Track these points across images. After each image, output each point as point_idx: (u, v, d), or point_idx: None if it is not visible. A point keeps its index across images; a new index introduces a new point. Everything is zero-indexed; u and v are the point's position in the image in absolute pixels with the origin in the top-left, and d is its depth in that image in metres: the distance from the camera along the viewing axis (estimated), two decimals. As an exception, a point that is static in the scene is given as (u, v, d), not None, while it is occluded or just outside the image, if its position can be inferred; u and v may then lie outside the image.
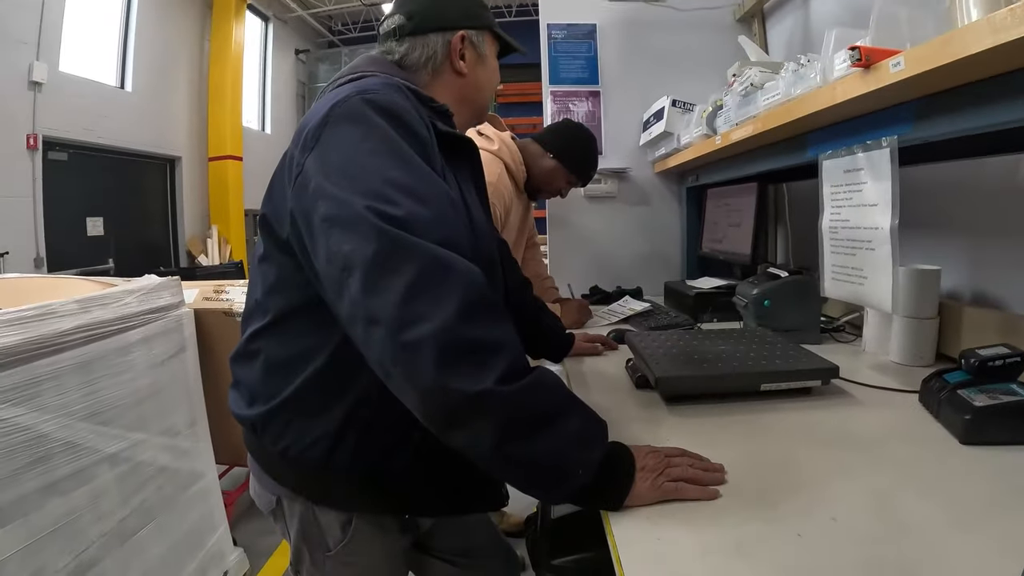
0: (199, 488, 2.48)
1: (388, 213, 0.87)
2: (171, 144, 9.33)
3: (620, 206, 3.17)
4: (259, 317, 1.14)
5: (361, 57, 1.29)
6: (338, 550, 1.19)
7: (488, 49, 1.36)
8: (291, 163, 1.03)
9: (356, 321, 0.87)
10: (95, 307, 2.00)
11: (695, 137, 2.40)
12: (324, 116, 1.01)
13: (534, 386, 0.86)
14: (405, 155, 0.97)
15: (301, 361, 1.08)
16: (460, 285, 0.86)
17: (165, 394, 2.31)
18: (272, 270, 1.11)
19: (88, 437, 1.92)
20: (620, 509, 0.89)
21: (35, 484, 1.73)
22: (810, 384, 1.35)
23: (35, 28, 6.68)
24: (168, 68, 9.22)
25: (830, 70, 1.43)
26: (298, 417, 1.10)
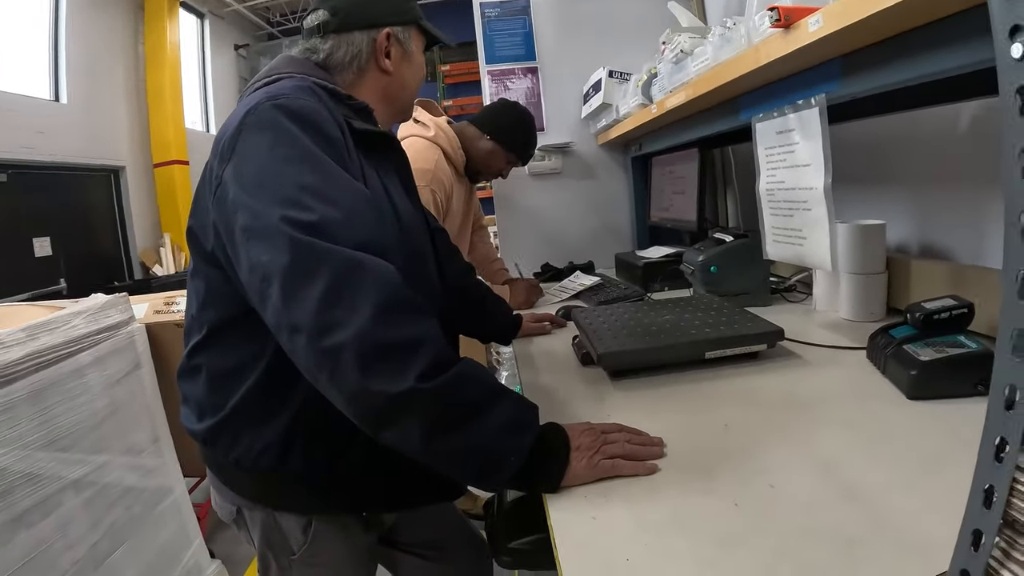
0: (169, 504, 2.45)
1: (301, 220, 0.89)
2: (114, 154, 9.11)
3: (566, 181, 3.17)
4: (196, 332, 1.16)
5: (279, 57, 1.28)
6: (302, 552, 1.21)
7: (415, 45, 1.36)
8: (211, 175, 1.04)
9: (281, 330, 0.89)
10: (42, 333, 1.96)
11: (633, 107, 2.40)
12: (238, 125, 1.02)
13: (458, 379, 0.88)
14: (317, 159, 0.98)
15: (240, 372, 1.10)
16: (374, 287, 0.88)
17: (124, 413, 2.28)
18: (202, 284, 1.12)
19: (49, 466, 1.89)
20: (557, 490, 0.91)
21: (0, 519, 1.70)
22: (756, 348, 1.36)
23: None
24: (103, 75, 8.99)
25: (755, 32, 1.43)
26: (246, 427, 1.11)
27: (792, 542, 0.71)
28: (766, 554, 0.70)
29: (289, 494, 1.16)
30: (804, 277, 1.98)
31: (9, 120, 7.09)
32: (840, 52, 1.25)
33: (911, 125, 1.68)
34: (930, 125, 1.63)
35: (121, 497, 2.18)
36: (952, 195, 1.62)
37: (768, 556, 0.69)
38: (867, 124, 1.77)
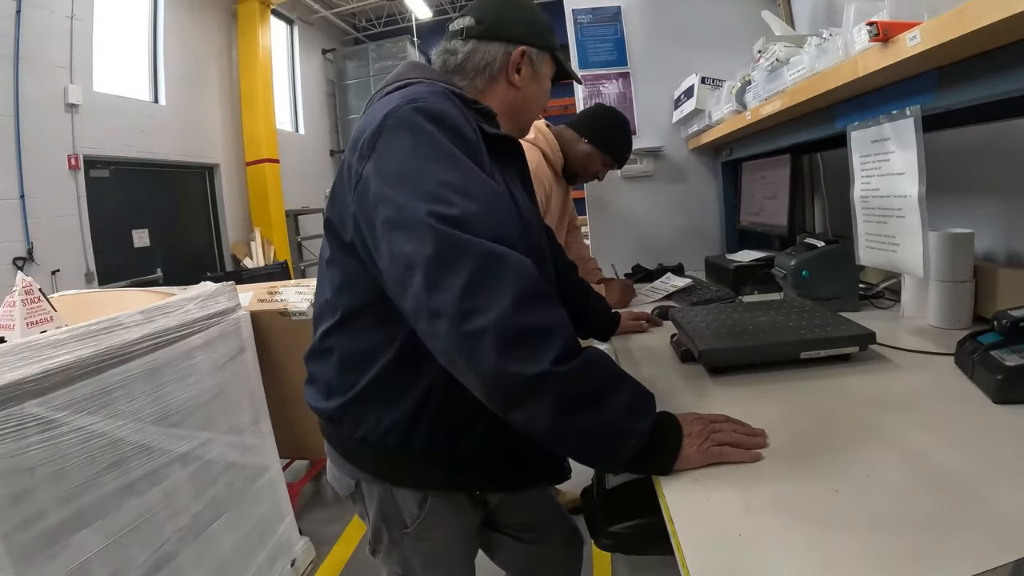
0: (265, 481, 2.60)
1: (444, 214, 0.94)
2: (208, 152, 9.50)
3: (657, 184, 3.20)
4: (329, 316, 1.22)
5: (406, 63, 1.36)
6: (415, 527, 1.28)
7: (545, 70, 1.42)
8: (350, 171, 1.11)
9: (421, 316, 0.95)
10: (159, 316, 2.12)
11: (726, 113, 2.42)
12: (378, 126, 1.08)
13: (586, 365, 0.93)
14: (456, 158, 1.04)
15: (372, 355, 1.17)
16: (514, 277, 0.93)
17: (229, 394, 2.43)
18: (339, 272, 1.19)
19: (160, 439, 2.03)
20: (670, 473, 0.96)
21: (113, 486, 1.85)
22: (848, 351, 1.39)
23: (66, 52, 6.84)
24: (199, 79, 9.38)
25: (851, 44, 1.45)
26: (374, 406, 1.18)
27: (888, 524, 0.76)
28: (865, 534, 0.75)
29: (410, 470, 1.23)
30: (892, 284, 1.98)
31: (112, 120, 7.48)
32: (936, 65, 1.27)
33: (999, 135, 1.68)
34: (1019, 135, 1.63)
35: (223, 472, 2.33)
36: None
37: (866, 536, 0.74)
38: (956, 134, 1.77)
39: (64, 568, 1.68)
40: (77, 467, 1.75)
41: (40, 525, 1.63)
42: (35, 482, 1.63)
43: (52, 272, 6.53)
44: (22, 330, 1.88)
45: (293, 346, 2.79)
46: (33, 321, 1.93)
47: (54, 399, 1.70)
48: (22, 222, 6.27)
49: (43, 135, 6.51)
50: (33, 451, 1.63)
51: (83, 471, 1.76)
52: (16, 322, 1.90)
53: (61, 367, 1.72)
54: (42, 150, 6.49)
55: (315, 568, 2.86)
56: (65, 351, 1.75)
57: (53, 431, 1.69)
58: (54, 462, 1.69)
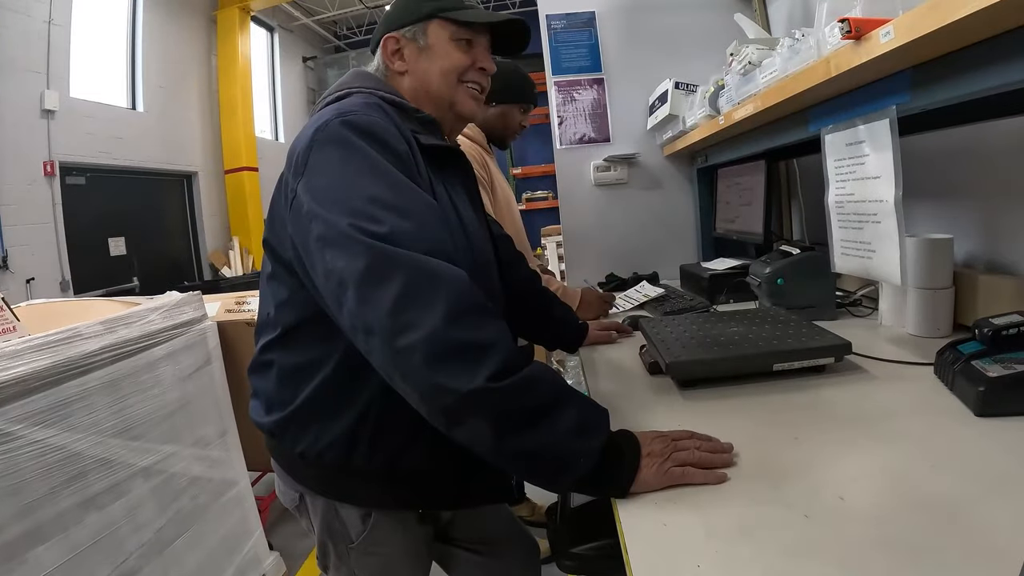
0: (232, 495, 2.55)
1: (372, 230, 0.94)
2: (186, 160, 9.41)
3: (632, 192, 3.16)
4: (270, 330, 1.21)
5: (350, 72, 1.34)
6: (360, 541, 1.26)
7: (435, 37, 1.31)
8: (285, 187, 1.11)
9: (356, 332, 0.95)
10: (120, 327, 2.07)
11: (700, 118, 2.39)
12: (309, 141, 1.08)
13: (527, 381, 0.90)
14: (385, 172, 1.03)
15: (311, 369, 1.15)
16: (446, 291, 0.92)
17: (194, 406, 2.39)
18: (281, 288, 1.18)
19: (121, 452, 1.99)
20: (626, 496, 0.91)
21: (72, 500, 1.80)
22: (823, 362, 1.34)
23: (43, 57, 6.78)
24: (178, 86, 9.30)
25: (824, 43, 1.42)
26: (312, 422, 1.16)
27: (863, 553, 0.71)
28: (836, 566, 0.69)
29: (351, 487, 1.21)
30: (870, 291, 1.95)
31: (89, 126, 7.41)
32: (910, 63, 1.24)
33: (978, 138, 1.65)
34: (998, 138, 1.59)
35: (188, 486, 2.28)
36: (1020, 209, 1.59)
37: (838, 568, 0.69)
38: (933, 137, 1.74)
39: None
40: (34, 480, 1.71)
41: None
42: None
43: (27, 280, 6.45)
44: None
45: None
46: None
47: (10, 411, 1.67)
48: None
49: (18, 141, 6.44)
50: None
51: (41, 485, 1.73)
52: None
53: (16, 379, 1.69)
54: (17, 156, 6.42)
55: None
56: (21, 362, 1.71)
57: (9, 444, 1.66)
58: (10, 475, 1.65)
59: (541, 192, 10.97)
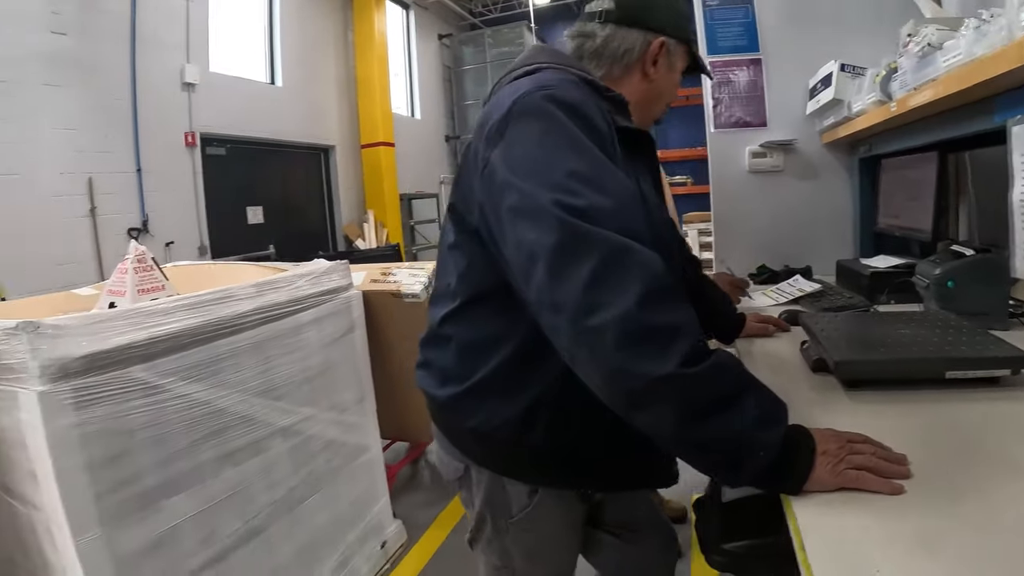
0: (364, 461, 2.63)
1: (571, 204, 0.92)
2: (324, 134, 9.79)
3: (787, 180, 3.00)
4: (449, 301, 1.21)
5: (533, 47, 1.33)
6: (520, 517, 1.26)
7: (679, 63, 1.37)
8: (476, 156, 1.10)
9: (542, 307, 0.94)
10: (270, 291, 2.15)
11: (867, 104, 2.25)
12: (506, 112, 1.06)
13: (716, 368, 0.87)
14: (585, 148, 1.01)
15: (492, 345, 1.15)
16: (640, 272, 0.89)
17: (335, 372, 2.46)
18: (462, 257, 1.18)
19: (263, 411, 2.07)
20: (799, 494, 0.87)
21: (212, 454, 1.89)
22: (999, 373, 1.23)
23: (183, 33, 7.18)
24: (315, 62, 9.67)
25: (1017, 26, 1.31)
26: (490, 397, 1.16)
27: None
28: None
29: (522, 464, 1.21)
30: None
31: (229, 100, 7.81)
32: None
33: None
34: None
35: (323, 449, 2.35)
36: None
37: None
38: None
39: (153, 531, 1.73)
40: (178, 433, 1.79)
41: (134, 488, 1.68)
42: (134, 444, 1.68)
43: (166, 244, 6.83)
44: (132, 297, 1.95)
45: (404, 328, 2.82)
46: (144, 289, 2.01)
47: (161, 365, 1.75)
48: (138, 195, 6.61)
49: (160, 112, 6.83)
50: (136, 415, 1.68)
51: (184, 437, 1.81)
52: (127, 289, 1.97)
53: (169, 334, 1.76)
54: (159, 127, 6.81)
55: (405, 551, 2.86)
56: (174, 319, 1.79)
57: (156, 396, 1.73)
58: (156, 426, 1.73)
59: (680, 177, 10.71)
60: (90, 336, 1.59)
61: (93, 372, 1.59)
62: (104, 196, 6.19)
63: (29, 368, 1.48)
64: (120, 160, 6.41)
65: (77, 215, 6.02)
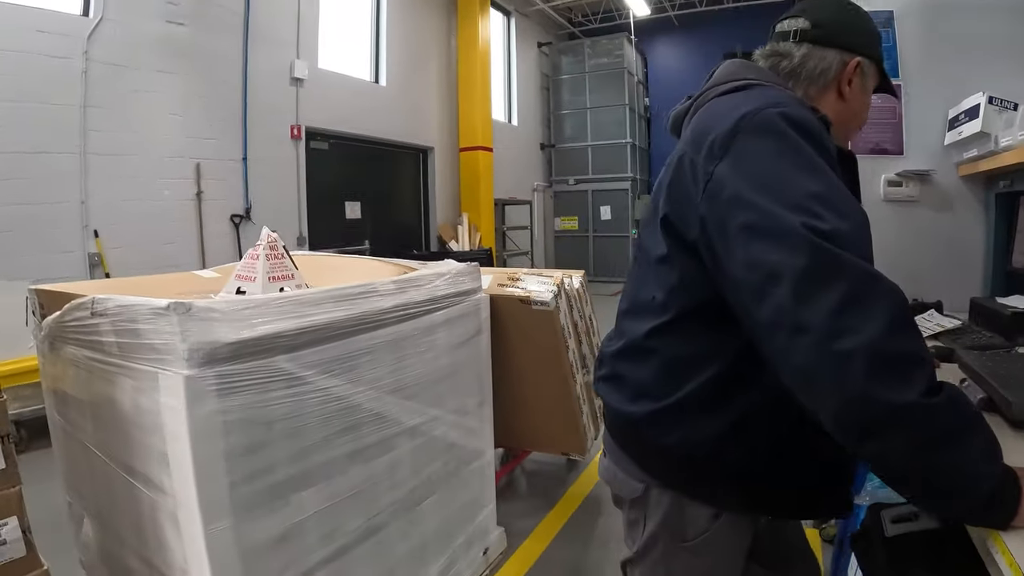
0: (478, 466, 2.64)
1: (818, 227, 0.91)
2: (424, 135, 10.00)
3: (921, 211, 2.91)
4: (657, 315, 1.19)
5: (732, 63, 1.32)
6: (697, 542, 1.23)
7: (871, 82, 1.36)
8: (694, 168, 1.09)
9: (778, 328, 0.92)
10: (410, 288, 2.16)
11: (1020, 140, 2.18)
12: (734, 126, 1.05)
13: (951, 400, 0.88)
14: (822, 170, 1.00)
15: (701, 362, 1.13)
16: (887, 299, 0.89)
17: (460, 374, 2.47)
18: (674, 271, 1.16)
19: (394, 410, 2.07)
20: (1007, 528, 0.88)
21: (343, 450, 1.89)
22: None
23: (293, 30, 7.47)
24: (418, 64, 9.91)
25: None
26: (690, 417, 1.14)
27: None
28: None
29: (712, 486, 1.18)
30: None
31: (334, 97, 8.08)
32: None
33: None
34: None
35: (444, 451, 2.37)
36: None
37: None
38: None
39: (281, 524, 1.73)
40: (314, 427, 1.79)
41: (267, 479, 1.68)
42: (272, 436, 1.67)
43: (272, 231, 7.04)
44: (263, 284, 1.96)
45: (527, 334, 2.82)
46: (275, 276, 2.02)
47: (304, 356, 1.74)
48: (243, 183, 6.89)
49: (269, 105, 7.12)
50: (276, 405, 1.67)
51: (319, 431, 1.81)
52: (258, 275, 1.98)
53: (315, 326, 1.76)
54: (266, 118, 7.09)
55: (504, 559, 2.86)
56: (321, 311, 1.79)
57: (298, 388, 1.73)
58: (294, 418, 1.72)
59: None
60: (240, 322, 1.58)
61: (239, 359, 1.58)
62: (210, 182, 6.49)
63: (177, 350, 1.47)
64: (228, 148, 6.69)
65: (184, 198, 6.32)
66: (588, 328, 3.20)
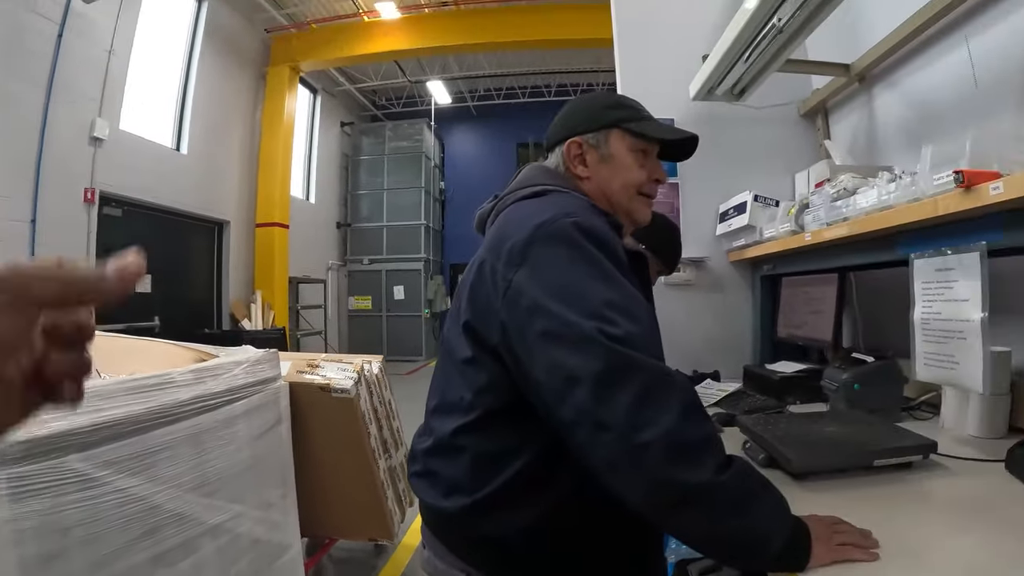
0: (286, 560, 2.50)
1: (611, 332, 1.00)
2: (221, 208, 9.61)
3: (697, 292, 3.26)
4: (464, 413, 1.21)
5: (534, 167, 1.42)
6: None
7: (615, 147, 1.39)
8: (494, 275, 1.15)
9: (581, 426, 1.00)
10: (208, 378, 2.04)
11: (781, 232, 2.53)
12: (530, 235, 1.13)
13: (740, 473, 1.00)
14: (614, 277, 1.10)
15: (510, 456, 1.16)
16: (679, 393, 1.00)
17: (262, 466, 2.34)
18: (482, 373, 1.19)
19: (195, 509, 1.92)
20: (804, 569, 1.01)
21: (146, 555, 1.73)
22: (912, 459, 1.47)
23: (99, 85, 7.00)
24: (222, 134, 9.60)
25: (927, 184, 1.59)
26: (503, 509, 1.17)
27: None
28: None
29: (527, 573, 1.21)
30: (931, 398, 2.07)
31: (131, 161, 7.57)
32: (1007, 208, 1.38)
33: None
34: None
35: (249, 548, 2.20)
36: None
37: None
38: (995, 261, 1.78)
39: None
40: (114, 531, 1.63)
41: None
42: (69, 543, 1.52)
43: (53, 305, 6.47)
44: None
45: (328, 421, 2.75)
46: None
47: (100, 455, 1.60)
48: (29, 247, 6.25)
49: (64, 164, 6.58)
50: (72, 510, 1.52)
51: (118, 537, 1.64)
52: None
53: (111, 421, 1.62)
54: (61, 179, 6.54)
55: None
56: (116, 404, 1.65)
57: (94, 490, 1.58)
58: (92, 523, 1.57)
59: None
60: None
61: (30, 460, 1.43)
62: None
63: (-40, 453, 1.30)
64: (16, 207, 6.10)
65: (-40, 258, 5.63)
66: (388, 413, 3.18)
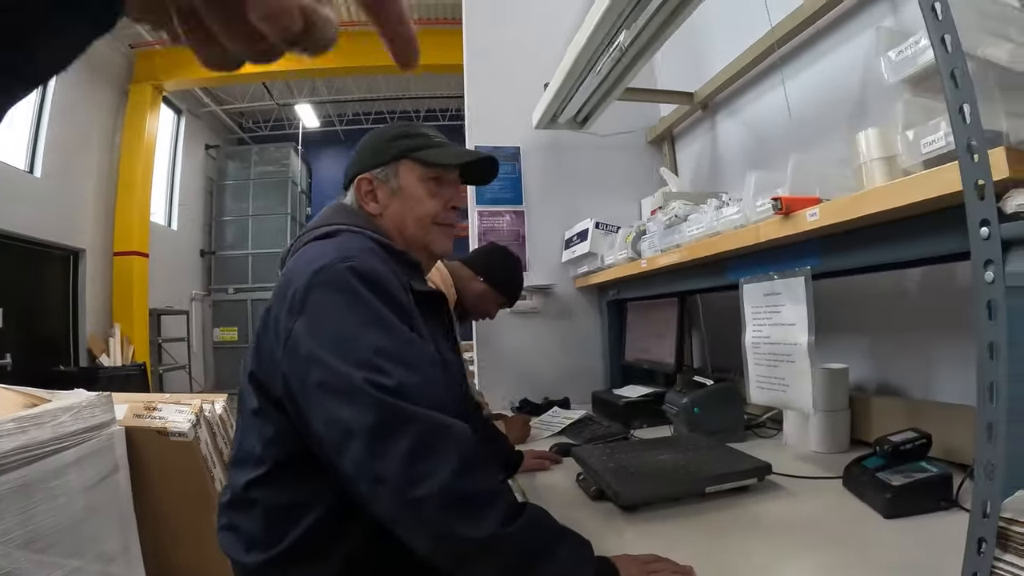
0: (134, 617, 2.35)
1: (381, 383, 0.99)
2: (77, 235, 9.07)
3: (544, 320, 3.26)
4: (255, 466, 1.19)
5: (332, 206, 1.41)
6: None
7: (406, 178, 1.40)
8: (277, 324, 1.13)
9: (360, 480, 0.99)
10: (32, 427, 1.94)
11: (620, 259, 2.58)
12: (308, 281, 1.11)
13: (529, 524, 0.99)
14: (390, 324, 1.09)
15: (299, 510, 1.15)
16: (455, 444, 0.99)
17: (99, 518, 2.21)
18: (268, 424, 1.17)
19: (26, 567, 1.82)
20: None
21: None
22: (748, 482, 1.49)
23: None
24: (79, 155, 9.10)
25: (751, 211, 1.65)
26: (299, 563, 1.15)
27: None
28: None
29: None
30: (773, 415, 2.14)
31: None
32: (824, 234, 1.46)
33: (868, 282, 1.90)
34: (885, 281, 1.87)
35: None
36: (904, 340, 1.87)
37: None
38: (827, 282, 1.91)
39: None
40: None
41: None
42: None
43: None
44: None
45: (169, 468, 2.57)
46: None
47: None
48: None
49: None
50: None
51: None
52: None
53: None
54: None
55: None
56: None
57: None
58: None
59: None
60: None
61: None
62: None
63: None
64: None
65: None
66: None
